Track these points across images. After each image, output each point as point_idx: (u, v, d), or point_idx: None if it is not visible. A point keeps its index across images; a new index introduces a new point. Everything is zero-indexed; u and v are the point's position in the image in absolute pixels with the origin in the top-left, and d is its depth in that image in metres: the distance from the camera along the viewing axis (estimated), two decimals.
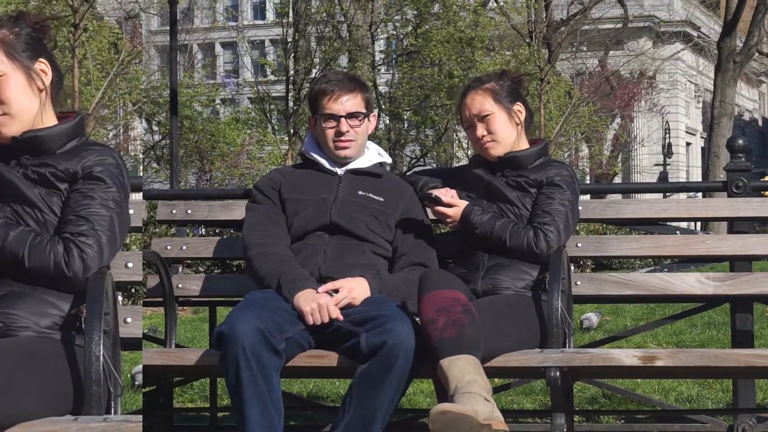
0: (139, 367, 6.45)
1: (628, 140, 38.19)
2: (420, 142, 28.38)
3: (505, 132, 4.17)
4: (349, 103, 4.11)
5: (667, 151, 41.70)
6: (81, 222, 3.08)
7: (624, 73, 35.78)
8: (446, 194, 4.12)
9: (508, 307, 3.89)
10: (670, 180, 40.64)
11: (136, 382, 6.49)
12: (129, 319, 3.54)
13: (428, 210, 4.21)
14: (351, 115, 4.11)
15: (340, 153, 4.13)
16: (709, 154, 26.48)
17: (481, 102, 4.16)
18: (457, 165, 18.45)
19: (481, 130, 4.16)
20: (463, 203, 4.10)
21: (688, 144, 49.02)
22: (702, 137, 45.95)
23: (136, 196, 4.93)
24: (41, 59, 3.22)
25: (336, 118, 4.10)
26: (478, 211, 4.07)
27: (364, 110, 4.14)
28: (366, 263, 3.97)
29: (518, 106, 4.21)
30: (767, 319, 8.52)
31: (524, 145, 4.22)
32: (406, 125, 28.30)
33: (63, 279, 3.07)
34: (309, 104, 4.25)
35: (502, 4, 28.71)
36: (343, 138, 4.11)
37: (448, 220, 4.10)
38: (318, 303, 3.74)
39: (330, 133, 4.12)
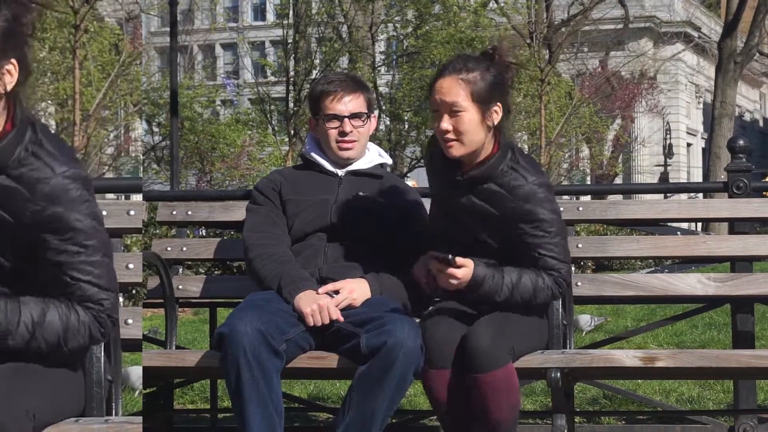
0: (133, 370, 6.42)
1: (629, 141, 38.14)
2: (420, 143, 28.34)
3: (474, 135, 3.70)
4: (351, 103, 4.11)
5: (668, 151, 41.68)
6: (85, 285, 2.81)
7: (625, 74, 35.75)
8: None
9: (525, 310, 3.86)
10: (670, 181, 40.63)
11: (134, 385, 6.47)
12: (129, 321, 3.53)
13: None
14: (354, 116, 4.11)
15: (343, 154, 4.12)
16: (709, 155, 26.47)
17: (456, 94, 3.67)
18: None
19: (447, 124, 3.69)
20: (470, 263, 3.66)
21: (688, 145, 49.00)
22: (703, 138, 45.93)
23: (137, 197, 4.93)
24: (11, 60, 2.73)
25: (339, 118, 4.09)
26: (490, 276, 3.68)
27: (366, 110, 4.14)
28: (366, 264, 3.97)
29: (496, 107, 3.72)
30: None
31: (489, 147, 3.76)
32: (406, 126, 28.29)
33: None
34: (310, 105, 4.25)
35: (502, 4, 28.70)
36: (346, 138, 4.11)
37: (455, 282, 3.64)
38: (318, 304, 3.74)
39: (333, 133, 4.11)
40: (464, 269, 3.63)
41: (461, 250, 3.69)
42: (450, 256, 3.59)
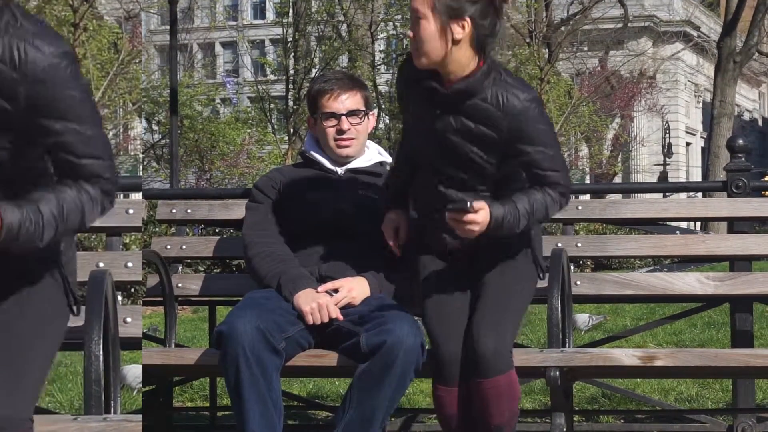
0: (130, 369, 6.41)
1: (628, 140, 38.16)
2: None
3: (431, 45, 3.55)
4: (348, 101, 4.10)
5: (667, 151, 41.67)
6: (88, 162, 2.78)
7: (624, 73, 35.75)
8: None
9: (516, 284, 3.79)
10: (669, 180, 40.63)
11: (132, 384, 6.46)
12: (129, 319, 3.54)
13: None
14: (351, 113, 4.10)
15: (341, 152, 4.12)
16: (709, 154, 26.48)
17: (421, 2, 3.55)
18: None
19: (410, 30, 3.62)
20: (485, 205, 3.53)
21: (688, 144, 49.01)
22: (702, 137, 45.93)
23: (136, 196, 4.94)
24: None
25: (336, 116, 4.09)
26: (508, 213, 3.56)
27: (363, 108, 4.14)
28: (366, 263, 3.97)
29: (462, 22, 3.52)
30: (767, 319, 8.51)
31: (471, 65, 3.59)
32: None
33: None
34: (308, 104, 4.25)
35: None
36: (344, 136, 4.10)
37: (476, 229, 3.51)
38: (318, 302, 3.74)
39: (331, 131, 4.11)
40: (482, 212, 3.50)
41: (449, 177, 3.67)
42: (468, 203, 3.46)
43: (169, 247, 4.52)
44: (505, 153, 3.65)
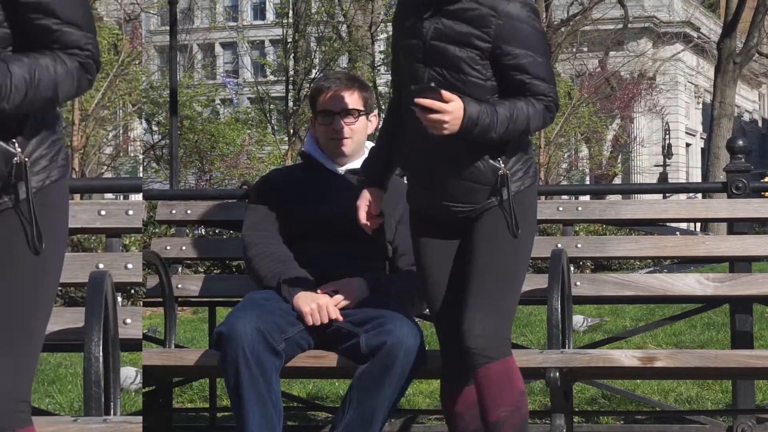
0: (125, 371, 6.40)
1: (628, 141, 38.16)
2: None
3: None
4: (345, 100, 4.08)
5: (667, 151, 41.68)
6: (68, 30, 2.59)
7: (624, 74, 35.77)
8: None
9: (511, 260, 3.53)
10: (669, 181, 40.65)
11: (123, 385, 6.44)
12: (128, 320, 3.54)
13: None
14: (346, 113, 4.08)
15: (336, 150, 4.11)
16: (708, 155, 26.47)
17: None
18: None
19: None
20: (457, 98, 3.32)
21: (687, 145, 49.00)
22: (702, 138, 45.93)
23: (136, 197, 4.94)
24: None
25: (331, 114, 4.08)
26: (483, 112, 3.34)
27: (361, 108, 4.10)
28: (366, 264, 3.97)
29: None
30: (767, 320, 8.52)
31: None
32: None
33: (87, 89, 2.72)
34: (309, 103, 4.25)
35: None
36: (337, 135, 4.08)
37: (446, 119, 3.29)
38: (318, 303, 3.74)
39: (325, 130, 4.09)
40: (454, 103, 3.28)
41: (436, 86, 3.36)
42: (433, 84, 3.28)
43: (168, 247, 4.52)
44: (493, 58, 3.41)
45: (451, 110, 3.28)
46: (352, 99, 4.08)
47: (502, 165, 3.46)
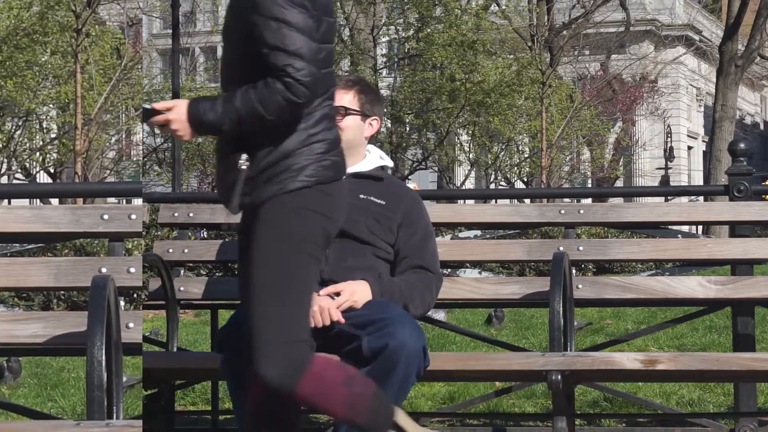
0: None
1: (630, 144, 38.15)
2: (421, 146, 28.35)
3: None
4: (336, 98, 4.06)
5: (669, 154, 41.67)
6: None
7: (626, 77, 35.77)
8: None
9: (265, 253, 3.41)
10: (671, 184, 40.63)
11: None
12: (131, 325, 3.54)
13: (426, 213, 4.12)
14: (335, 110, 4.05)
15: None
16: (710, 158, 26.42)
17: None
18: None
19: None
20: (181, 102, 3.28)
21: (689, 148, 48.99)
22: (704, 141, 45.92)
23: (138, 201, 4.95)
24: None
25: None
26: (207, 107, 3.25)
27: (352, 107, 4.07)
28: (368, 266, 3.97)
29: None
30: None
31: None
32: (407, 129, 28.28)
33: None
34: None
35: (504, 7, 28.71)
36: None
37: (174, 127, 3.26)
38: (320, 306, 3.74)
39: None
40: (174, 110, 3.25)
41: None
42: (148, 106, 3.28)
43: (171, 250, 4.52)
44: (239, 30, 3.26)
45: (173, 118, 3.27)
46: (345, 98, 4.06)
47: (243, 161, 3.30)
